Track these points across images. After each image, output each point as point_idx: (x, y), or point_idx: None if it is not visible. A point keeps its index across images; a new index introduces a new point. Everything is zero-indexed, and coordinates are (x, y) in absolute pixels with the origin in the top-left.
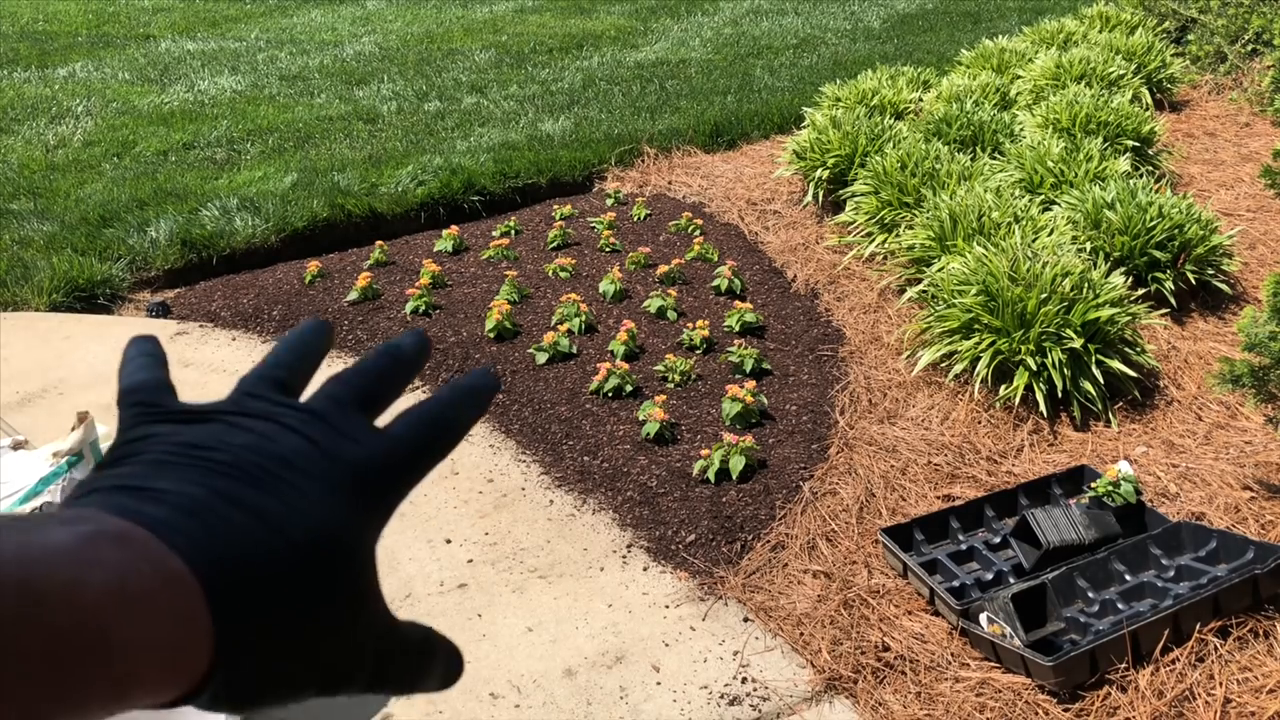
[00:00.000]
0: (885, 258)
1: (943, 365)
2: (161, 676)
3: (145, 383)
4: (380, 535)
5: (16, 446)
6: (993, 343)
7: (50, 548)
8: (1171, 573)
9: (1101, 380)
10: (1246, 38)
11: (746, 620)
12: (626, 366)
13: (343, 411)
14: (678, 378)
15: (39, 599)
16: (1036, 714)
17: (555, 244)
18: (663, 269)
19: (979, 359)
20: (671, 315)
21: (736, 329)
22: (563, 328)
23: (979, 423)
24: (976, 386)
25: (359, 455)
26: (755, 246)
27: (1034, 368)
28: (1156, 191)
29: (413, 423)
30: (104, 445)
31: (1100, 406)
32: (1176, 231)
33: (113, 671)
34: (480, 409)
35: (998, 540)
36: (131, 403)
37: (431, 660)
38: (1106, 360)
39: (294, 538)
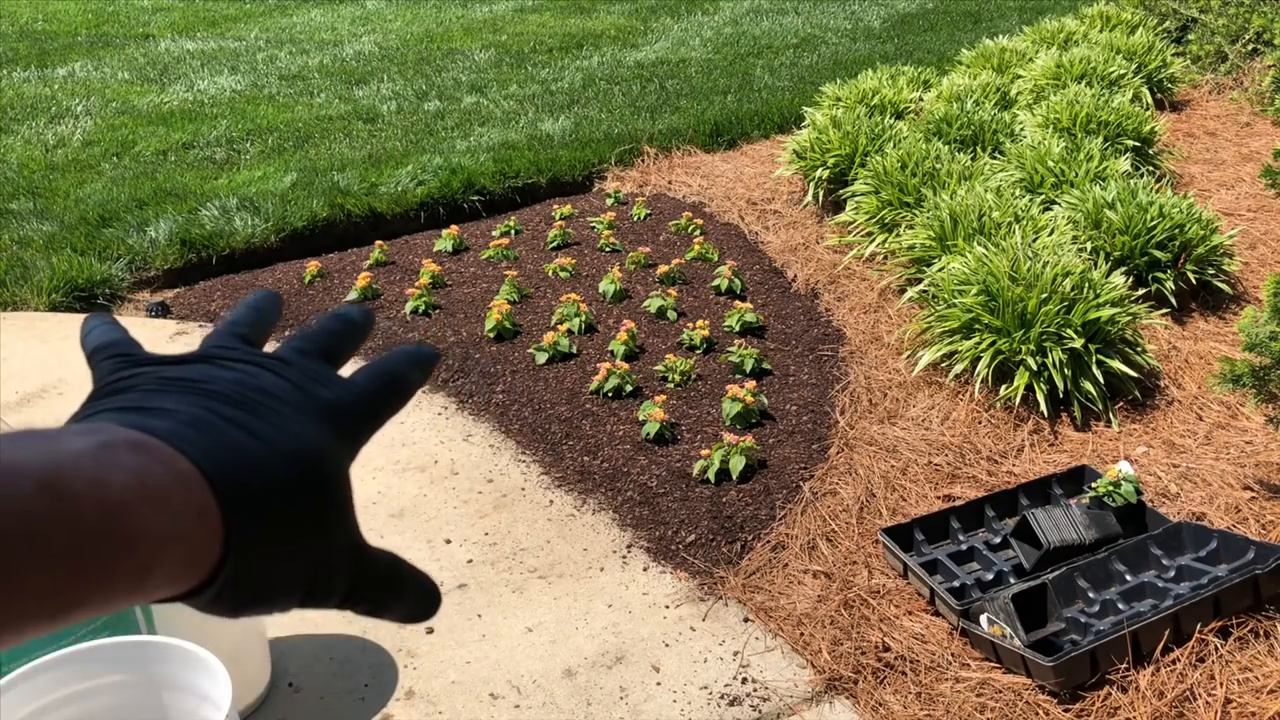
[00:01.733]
0: (885, 258)
1: (943, 365)
2: (178, 565)
3: (116, 340)
4: (350, 467)
5: None
6: (993, 343)
7: (74, 452)
8: (1172, 573)
9: (1102, 380)
10: (1247, 37)
11: (747, 620)
12: (626, 366)
13: (309, 360)
14: (678, 378)
15: (68, 496)
16: (1037, 714)
17: (555, 244)
18: (663, 269)
19: (979, 359)
20: (671, 315)
21: (736, 329)
22: (563, 328)
23: (979, 423)
24: (977, 386)
25: (329, 395)
26: (755, 246)
27: (1034, 368)
28: (1157, 191)
29: (373, 375)
30: None
31: (1101, 406)
32: (1177, 231)
33: (135, 561)
34: (426, 373)
35: (998, 540)
36: (106, 356)
37: (399, 586)
38: (1107, 360)
39: (284, 450)
